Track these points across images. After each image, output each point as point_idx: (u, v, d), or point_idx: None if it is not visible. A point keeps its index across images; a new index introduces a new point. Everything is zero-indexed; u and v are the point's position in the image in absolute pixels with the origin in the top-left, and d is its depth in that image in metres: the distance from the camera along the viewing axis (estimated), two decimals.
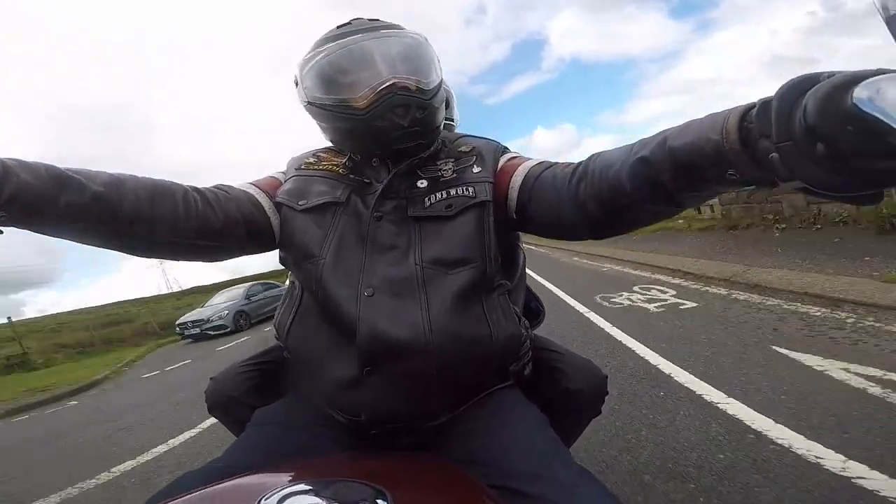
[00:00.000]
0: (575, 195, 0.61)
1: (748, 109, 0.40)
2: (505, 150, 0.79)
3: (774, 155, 0.36)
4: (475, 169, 0.73)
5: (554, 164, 0.70)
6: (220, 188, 0.73)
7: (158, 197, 0.62)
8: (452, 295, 0.65)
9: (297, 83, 0.77)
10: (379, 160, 0.74)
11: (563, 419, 0.78)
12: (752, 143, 0.39)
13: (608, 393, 0.87)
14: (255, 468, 0.53)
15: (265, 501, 0.37)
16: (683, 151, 0.46)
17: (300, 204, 0.73)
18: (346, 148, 0.79)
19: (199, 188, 0.69)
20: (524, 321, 0.80)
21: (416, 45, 0.73)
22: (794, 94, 0.34)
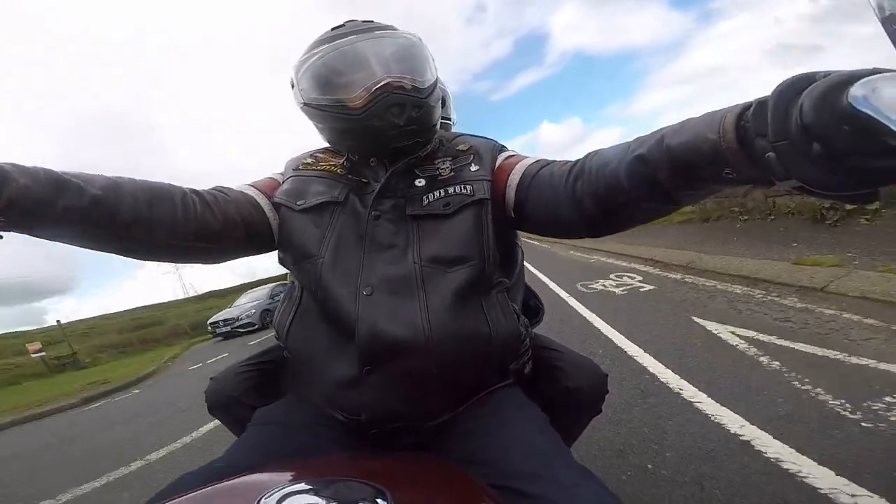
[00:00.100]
0: (572, 193, 0.61)
1: (745, 109, 0.40)
2: (502, 148, 0.80)
3: (771, 154, 0.36)
4: (473, 167, 0.74)
5: (551, 161, 0.70)
6: (218, 190, 0.73)
7: (157, 200, 0.62)
8: (451, 293, 0.65)
9: (293, 85, 0.78)
10: (376, 160, 0.75)
11: (563, 418, 0.78)
12: (748, 142, 0.39)
13: (608, 391, 0.88)
14: (255, 468, 0.53)
15: (265, 501, 0.37)
16: (680, 150, 0.46)
17: (298, 204, 0.74)
18: (343, 148, 0.79)
19: (197, 190, 0.69)
20: (523, 319, 0.80)
21: (409, 44, 0.74)
22: (790, 93, 0.35)
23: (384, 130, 0.69)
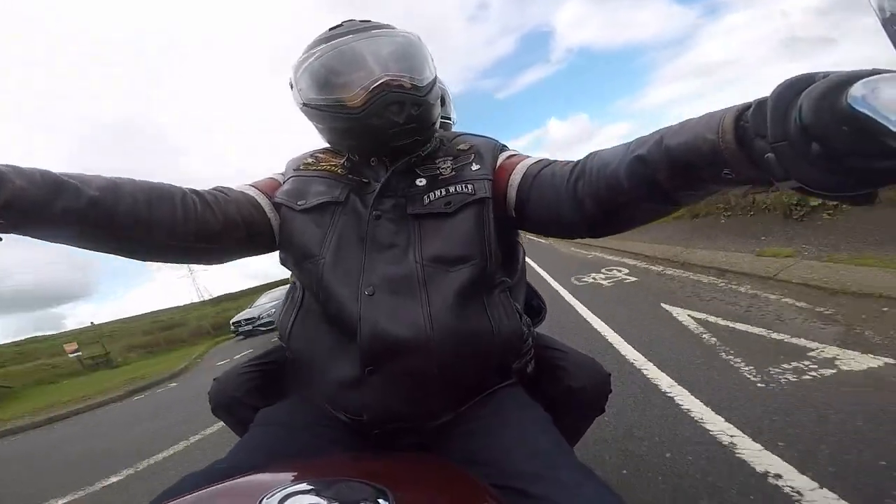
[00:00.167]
0: (573, 193, 0.62)
1: (744, 109, 0.40)
2: (503, 147, 0.80)
3: (770, 155, 0.36)
4: (474, 167, 0.74)
5: (553, 161, 0.70)
6: (218, 190, 0.73)
7: (156, 200, 0.62)
8: (453, 293, 0.65)
9: (291, 86, 0.78)
10: (377, 159, 0.75)
11: (565, 417, 0.78)
12: (747, 142, 0.39)
13: (612, 391, 0.88)
14: (257, 468, 0.53)
15: (267, 501, 0.37)
16: (679, 150, 0.46)
17: (299, 204, 0.74)
18: (343, 148, 0.79)
19: (197, 190, 0.69)
20: (526, 318, 0.80)
21: (407, 43, 0.75)
22: (789, 93, 0.35)
23: (384, 129, 0.70)
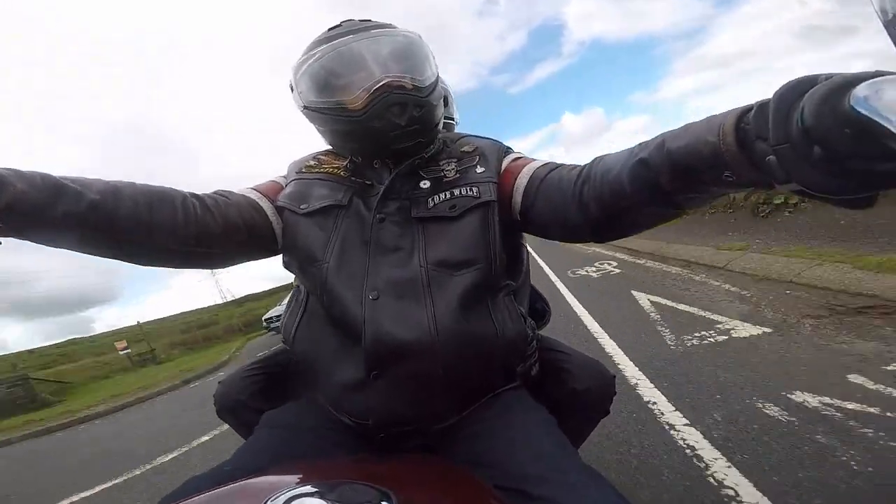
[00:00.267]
0: (579, 197, 0.62)
1: (745, 111, 0.40)
2: (508, 150, 0.80)
3: (772, 157, 0.36)
4: (479, 169, 0.74)
5: (559, 165, 0.70)
6: (219, 194, 0.72)
7: (157, 203, 0.62)
8: (458, 296, 0.66)
9: (292, 88, 0.78)
10: (380, 162, 0.75)
11: (570, 420, 0.78)
12: (748, 144, 0.40)
13: (616, 393, 0.88)
14: (262, 471, 0.53)
15: (271, 503, 0.37)
16: (681, 153, 0.47)
17: (302, 207, 0.74)
18: (345, 151, 0.79)
19: (198, 194, 0.69)
20: (530, 321, 0.80)
21: (408, 42, 0.74)
22: (791, 96, 0.35)
23: (386, 131, 0.70)
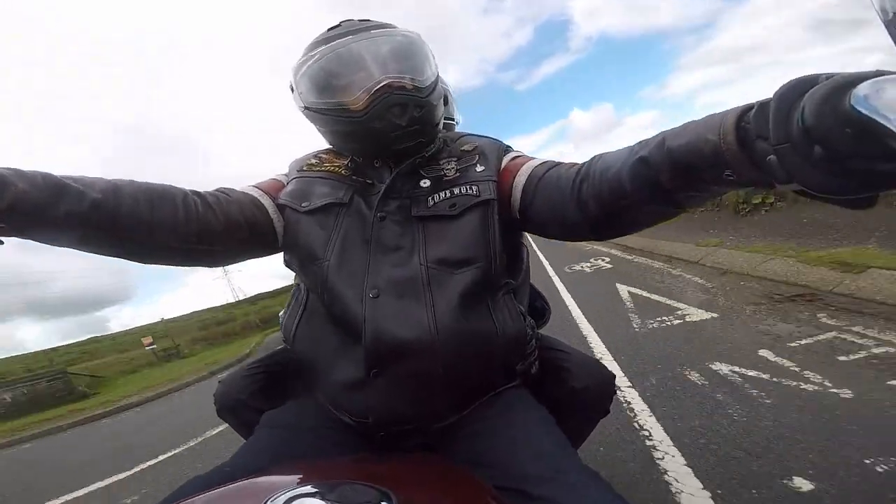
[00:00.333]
0: (578, 195, 0.62)
1: (746, 110, 0.41)
2: (508, 148, 0.80)
3: (772, 157, 0.36)
4: (478, 168, 0.75)
5: (558, 164, 0.71)
6: (221, 191, 0.73)
7: (158, 201, 0.62)
8: (458, 295, 0.66)
9: (292, 89, 0.78)
10: (381, 161, 0.76)
11: (570, 419, 0.78)
12: (749, 143, 0.40)
13: (616, 392, 0.89)
14: (262, 471, 0.53)
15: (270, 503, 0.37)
16: (681, 152, 0.47)
17: (303, 206, 0.74)
18: (346, 151, 0.80)
19: (199, 192, 0.69)
20: (530, 320, 0.80)
21: (407, 42, 0.74)
22: (792, 95, 0.35)
23: (386, 132, 0.70)
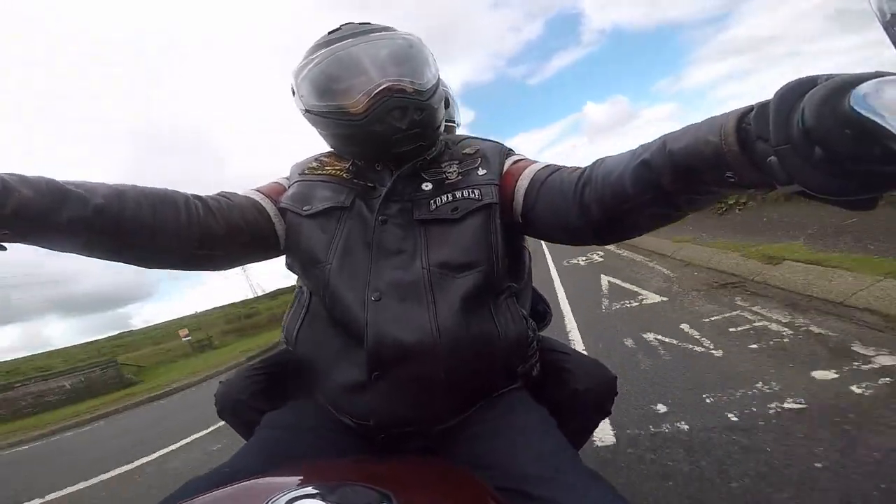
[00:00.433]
0: (580, 199, 0.62)
1: (746, 112, 0.41)
2: (510, 152, 0.80)
3: (773, 159, 0.36)
4: (480, 171, 0.75)
5: (561, 168, 0.70)
6: (222, 195, 0.73)
7: (160, 205, 0.62)
8: (460, 298, 0.66)
9: (293, 92, 0.78)
10: (382, 164, 0.76)
11: (571, 421, 0.78)
12: (749, 145, 0.40)
13: (617, 393, 0.89)
14: (262, 472, 0.53)
15: None
16: (682, 154, 0.47)
17: (305, 209, 0.75)
18: (347, 154, 0.80)
19: (200, 196, 0.69)
20: (531, 322, 0.80)
21: (407, 45, 0.75)
22: (792, 97, 0.35)
23: (387, 135, 0.71)
